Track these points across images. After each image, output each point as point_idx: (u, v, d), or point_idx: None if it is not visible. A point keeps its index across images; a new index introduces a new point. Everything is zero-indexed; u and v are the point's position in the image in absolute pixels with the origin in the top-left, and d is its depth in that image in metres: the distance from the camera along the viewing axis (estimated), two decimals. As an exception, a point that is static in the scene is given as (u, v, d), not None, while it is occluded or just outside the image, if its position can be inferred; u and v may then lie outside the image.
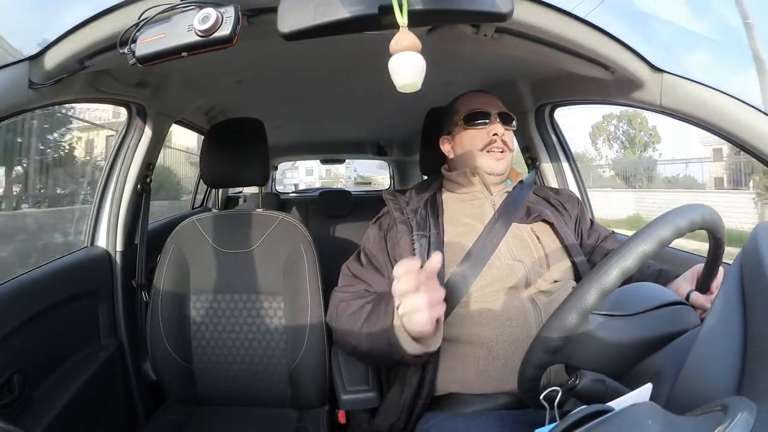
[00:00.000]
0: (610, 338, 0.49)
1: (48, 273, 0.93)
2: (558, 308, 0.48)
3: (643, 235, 0.46)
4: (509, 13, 0.49)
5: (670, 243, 0.47)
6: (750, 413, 0.30)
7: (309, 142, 2.51)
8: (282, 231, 1.08)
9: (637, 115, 14.82)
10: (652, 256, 0.45)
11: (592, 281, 0.45)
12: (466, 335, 0.76)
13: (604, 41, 0.71)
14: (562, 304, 0.48)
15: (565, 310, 0.47)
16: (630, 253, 0.45)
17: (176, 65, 0.60)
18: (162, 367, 1.05)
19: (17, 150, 3.32)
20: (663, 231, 0.46)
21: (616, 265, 0.45)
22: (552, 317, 0.48)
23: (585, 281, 0.47)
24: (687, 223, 0.46)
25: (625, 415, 0.34)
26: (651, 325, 0.49)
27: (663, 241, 0.45)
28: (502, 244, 0.81)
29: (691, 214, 0.47)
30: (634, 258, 0.45)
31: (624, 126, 15.96)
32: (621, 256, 0.45)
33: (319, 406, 1.05)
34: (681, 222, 0.46)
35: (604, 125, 16.25)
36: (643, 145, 15.55)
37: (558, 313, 0.48)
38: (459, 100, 0.94)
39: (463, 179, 0.89)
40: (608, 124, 16.18)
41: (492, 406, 0.74)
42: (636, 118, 15.17)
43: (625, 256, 0.45)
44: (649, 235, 0.45)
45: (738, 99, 0.72)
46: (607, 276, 0.45)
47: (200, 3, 0.53)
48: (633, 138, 15.66)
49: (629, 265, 0.44)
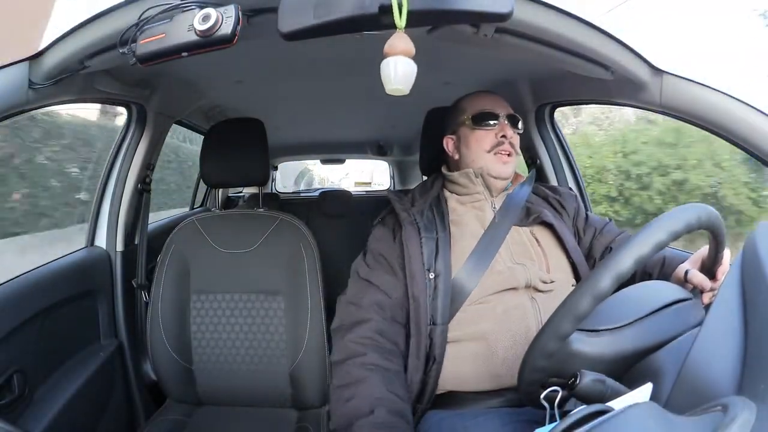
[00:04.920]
0: (598, 355, 0.49)
1: (48, 273, 0.93)
2: (555, 311, 0.48)
3: (638, 240, 0.45)
4: (509, 13, 0.49)
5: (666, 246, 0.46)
6: (750, 413, 0.30)
7: (309, 142, 2.51)
8: (282, 231, 1.08)
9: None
10: (648, 259, 0.45)
11: (586, 288, 0.45)
12: (467, 335, 0.76)
13: (604, 41, 0.71)
14: (559, 308, 0.48)
15: (559, 315, 0.47)
16: (623, 259, 0.45)
17: (176, 65, 0.61)
18: (162, 367, 1.05)
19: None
20: (658, 235, 0.45)
21: (609, 272, 0.45)
22: (559, 309, 0.48)
23: (579, 287, 0.47)
24: (683, 225, 0.46)
25: (625, 415, 0.34)
26: (641, 335, 0.49)
27: (659, 245, 0.45)
28: (503, 248, 0.81)
29: (686, 215, 0.47)
30: (630, 262, 0.44)
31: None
32: (617, 260, 0.45)
33: (319, 406, 1.05)
34: (675, 225, 0.46)
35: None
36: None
37: (554, 318, 0.48)
38: (465, 100, 0.93)
39: (464, 180, 0.88)
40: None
41: (492, 404, 0.74)
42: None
43: (618, 262, 0.45)
44: (645, 239, 0.45)
45: (738, 99, 0.72)
46: (601, 283, 0.45)
47: (200, 3, 0.53)
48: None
49: (625, 270, 0.45)
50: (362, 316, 0.78)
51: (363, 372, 0.72)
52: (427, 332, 0.75)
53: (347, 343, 0.76)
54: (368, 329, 0.77)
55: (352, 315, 0.80)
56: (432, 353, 0.75)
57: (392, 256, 0.83)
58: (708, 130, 0.77)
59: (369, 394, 0.69)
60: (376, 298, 0.80)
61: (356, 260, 0.89)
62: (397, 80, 0.45)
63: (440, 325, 0.75)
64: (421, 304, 0.76)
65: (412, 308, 0.77)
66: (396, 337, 0.78)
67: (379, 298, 0.80)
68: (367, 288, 0.82)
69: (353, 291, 0.84)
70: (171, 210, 3.07)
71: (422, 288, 0.77)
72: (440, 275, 0.77)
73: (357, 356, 0.74)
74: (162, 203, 3.17)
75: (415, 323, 0.77)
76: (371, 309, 0.79)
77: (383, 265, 0.84)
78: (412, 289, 0.78)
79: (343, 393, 0.72)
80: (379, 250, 0.85)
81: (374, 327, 0.77)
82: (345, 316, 0.81)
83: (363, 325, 0.77)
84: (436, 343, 0.75)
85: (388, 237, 0.87)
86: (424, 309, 0.76)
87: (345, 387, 0.72)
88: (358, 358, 0.74)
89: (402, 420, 0.68)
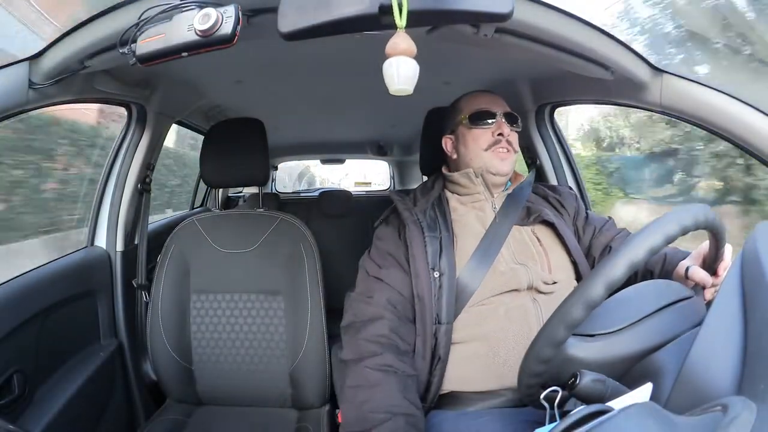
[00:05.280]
0: (594, 359, 0.49)
1: (48, 273, 0.93)
2: (549, 319, 0.48)
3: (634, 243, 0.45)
4: (509, 13, 0.49)
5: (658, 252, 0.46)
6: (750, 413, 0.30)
7: (309, 142, 2.51)
8: (282, 231, 1.08)
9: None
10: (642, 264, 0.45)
11: (579, 296, 0.45)
12: (470, 336, 0.76)
13: (604, 41, 0.71)
14: (552, 315, 0.48)
15: (552, 323, 0.47)
16: (617, 264, 0.44)
17: (176, 65, 0.60)
18: (162, 367, 1.05)
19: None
20: (653, 239, 0.45)
21: (601, 279, 0.44)
22: (553, 317, 0.48)
23: (572, 295, 0.46)
24: (679, 228, 0.46)
25: (625, 415, 0.34)
26: (637, 339, 0.49)
27: (653, 249, 0.45)
28: (504, 248, 0.81)
29: (681, 218, 0.46)
30: (623, 268, 0.44)
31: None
32: (610, 267, 0.45)
33: (319, 406, 1.05)
34: (671, 229, 0.46)
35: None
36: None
37: (548, 326, 0.48)
38: (463, 99, 0.93)
39: (465, 180, 0.88)
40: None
41: (494, 404, 0.74)
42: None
43: (613, 267, 0.45)
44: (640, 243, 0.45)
45: (738, 99, 0.72)
46: (593, 291, 0.44)
47: (200, 3, 0.53)
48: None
49: (618, 276, 0.44)
50: (376, 313, 0.77)
51: (378, 374, 0.71)
52: (432, 331, 0.75)
53: (360, 341, 0.75)
54: (383, 327, 0.75)
55: (365, 312, 0.78)
56: (437, 352, 0.75)
57: (399, 254, 0.83)
58: (708, 130, 0.77)
59: (386, 401, 0.68)
60: (389, 295, 0.79)
61: (363, 258, 0.88)
62: (401, 81, 0.45)
63: (445, 324, 0.75)
64: (426, 302, 0.76)
65: (418, 307, 0.77)
66: (409, 336, 0.77)
67: (392, 296, 0.79)
68: (377, 285, 0.81)
69: (363, 287, 0.83)
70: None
71: (427, 287, 0.77)
72: (444, 274, 0.77)
73: (372, 356, 0.73)
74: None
75: (421, 322, 0.77)
76: (384, 306, 0.78)
77: (392, 263, 0.83)
78: (417, 288, 0.78)
79: (357, 394, 0.70)
80: (387, 249, 0.85)
81: (389, 325, 0.76)
82: (357, 313, 0.80)
83: (377, 323, 0.76)
84: (441, 343, 0.75)
85: (394, 235, 0.86)
86: (429, 308, 0.76)
87: (359, 388, 0.71)
88: (373, 358, 0.72)
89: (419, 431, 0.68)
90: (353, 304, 0.82)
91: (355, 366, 0.74)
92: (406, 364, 0.74)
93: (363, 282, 0.84)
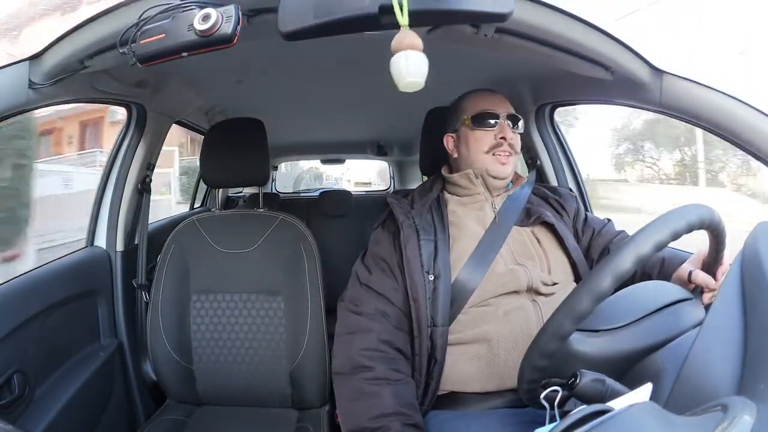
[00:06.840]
0: (598, 355, 0.49)
1: (48, 273, 0.93)
2: (556, 311, 0.48)
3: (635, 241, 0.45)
4: (509, 13, 0.49)
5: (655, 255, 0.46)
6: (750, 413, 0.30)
7: (309, 142, 2.51)
8: (282, 231, 1.08)
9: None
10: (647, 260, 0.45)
11: (587, 288, 0.45)
12: (469, 337, 0.76)
13: (604, 41, 0.71)
14: (559, 307, 0.48)
15: (559, 315, 0.47)
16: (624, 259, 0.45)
17: (176, 65, 0.60)
18: (162, 367, 1.05)
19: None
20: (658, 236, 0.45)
21: (609, 272, 0.45)
22: (559, 309, 0.48)
23: (580, 287, 0.47)
24: (684, 225, 0.46)
25: (625, 415, 0.34)
26: (641, 336, 0.49)
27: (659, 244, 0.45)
28: (504, 248, 0.81)
29: (688, 215, 0.47)
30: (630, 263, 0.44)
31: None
32: (618, 259, 0.45)
33: (319, 406, 1.05)
34: (677, 225, 0.46)
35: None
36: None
37: (555, 318, 0.48)
38: (466, 98, 0.92)
39: (465, 181, 0.88)
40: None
41: (494, 404, 0.74)
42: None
43: (621, 259, 0.45)
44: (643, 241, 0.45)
45: (738, 99, 0.71)
46: (601, 283, 0.44)
47: (200, 3, 0.53)
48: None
49: (624, 269, 0.45)
50: (365, 325, 0.78)
51: (373, 387, 0.72)
52: (427, 334, 0.75)
53: (352, 354, 0.76)
54: (371, 340, 0.76)
55: (354, 323, 0.79)
56: (434, 355, 0.75)
57: (393, 260, 0.83)
58: (708, 130, 0.77)
59: (380, 411, 0.70)
60: (378, 305, 0.80)
61: (356, 262, 0.89)
62: (410, 73, 0.44)
63: (440, 327, 0.75)
64: (421, 305, 0.76)
65: (413, 310, 0.77)
66: (400, 344, 0.78)
67: (380, 305, 0.80)
68: (367, 294, 0.81)
69: (353, 295, 0.83)
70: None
71: (421, 290, 0.77)
72: (440, 277, 0.77)
73: (365, 371, 0.74)
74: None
75: (417, 325, 0.77)
76: (374, 317, 0.78)
77: (384, 269, 0.83)
78: (411, 291, 0.78)
79: (352, 407, 0.73)
80: (380, 254, 0.85)
81: (378, 336, 0.76)
82: (346, 323, 0.81)
83: (365, 336, 0.77)
84: (437, 345, 0.75)
85: (389, 240, 0.86)
86: (423, 311, 0.76)
87: (355, 401, 0.73)
88: (365, 372, 0.74)
89: (417, 431, 0.70)
90: (341, 313, 0.83)
91: (349, 379, 0.75)
92: (401, 372, 0.75)
93: (353, 289, 0.85)
